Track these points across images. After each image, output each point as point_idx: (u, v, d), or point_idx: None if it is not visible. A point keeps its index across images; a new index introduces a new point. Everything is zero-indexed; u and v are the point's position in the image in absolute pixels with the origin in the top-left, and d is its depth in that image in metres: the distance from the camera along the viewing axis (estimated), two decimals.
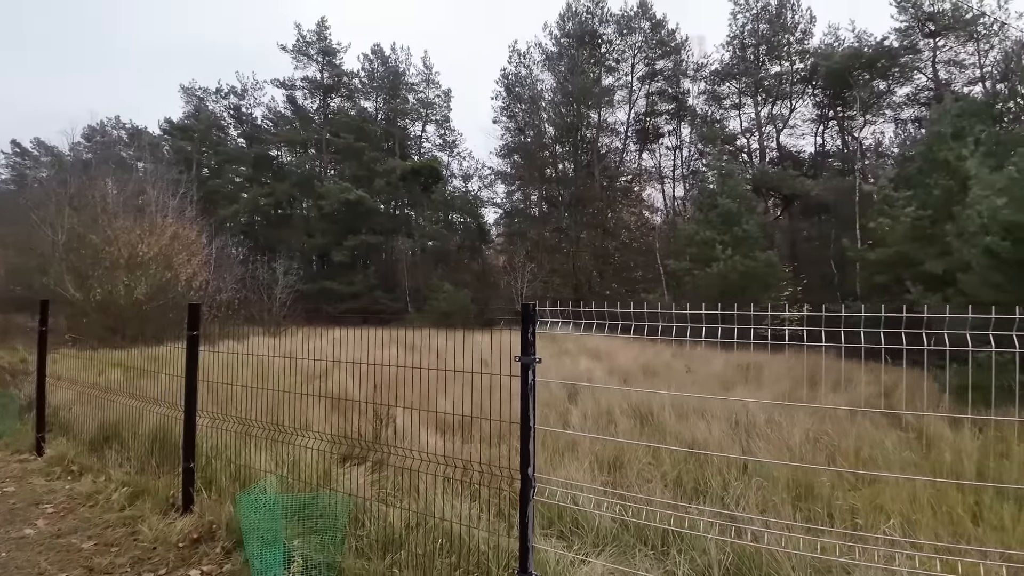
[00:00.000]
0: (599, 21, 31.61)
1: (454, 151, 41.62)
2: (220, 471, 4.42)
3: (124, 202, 18.44)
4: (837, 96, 26.41)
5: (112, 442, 5.44)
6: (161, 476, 4.60)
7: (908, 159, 14.91)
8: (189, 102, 45.60)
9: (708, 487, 4.57)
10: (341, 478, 4.37)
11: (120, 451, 5.21)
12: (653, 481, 4.72)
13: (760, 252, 16.01)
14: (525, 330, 2.56)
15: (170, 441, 5.02)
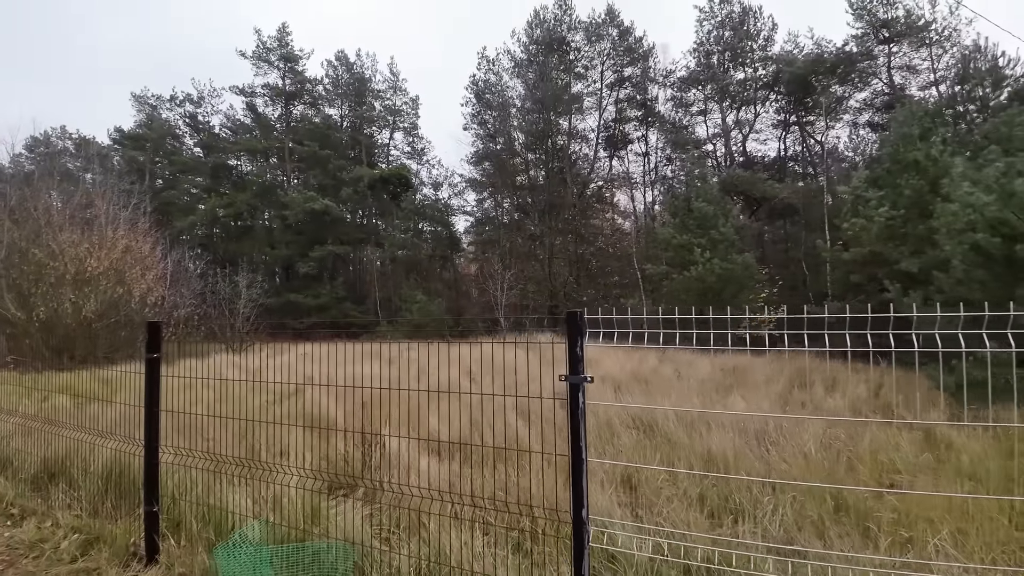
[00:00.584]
0: (567, 28, 31.72)
1: (423, 159, 41.05)
2: (188, 512, 3.82)
3: (71, 214, 17.20)
4: (799, 101, 27.13)
5: (58, 480, 4.73)
6: (119, 520, 3.97)
7: (875, 160, 15.21)
8: (141, 110, 43.68)
9: (738, 505, 4.24)
10: (333, 517, 3.84)
11: (68, 491, 4.51)
12: (673, 500, 4.37)
13: (737, 255, 16.09)
14: (573, 344, 2.14)
15: (127, 479, 4.37)
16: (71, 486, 4.56)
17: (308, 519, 3.80)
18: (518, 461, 4.99)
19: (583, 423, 2.09)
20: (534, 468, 4.82)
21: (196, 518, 3.78)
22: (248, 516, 3.78)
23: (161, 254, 19.11)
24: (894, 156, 14.43)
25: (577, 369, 2.09)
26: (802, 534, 3.77)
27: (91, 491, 4.37)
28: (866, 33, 26.46)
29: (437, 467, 5.19)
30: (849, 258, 13.96)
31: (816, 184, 22.43)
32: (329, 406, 7.60)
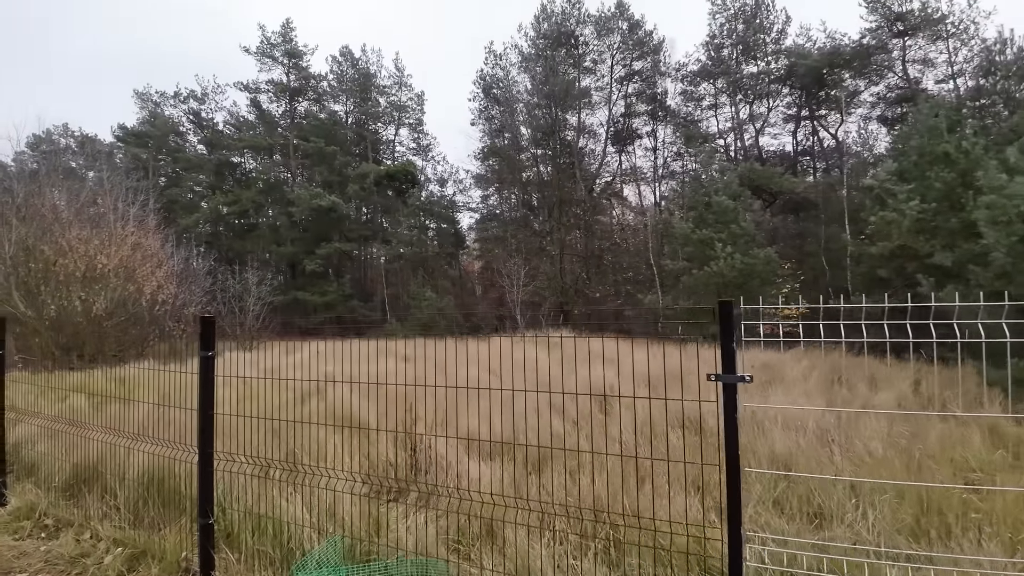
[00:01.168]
0: (576, 22, 31.33)
1: (428, 155, 40.75)
2: (239, 524, 3.54)
3: (78, 211, 16.91)
4: (812, 95, 26.78)
5: (92, 488, 4.45)
6: (164, 531, 3.69)
7: (902, 153, 14.90)
8: (144, 107, 43.36)
9: (820, 507, 3.97)
10: (396, 526, 3.57)
11: (104, 499, 4.25)
12: (748, 505, 4.08)
13: (758, 249, 15.80)
14: (726, 338, 1.86)
15: (168, 486, 4.10)
16: (106, 494, 4.29)
17: (370, 529, 3.54)
18: (566, 463, 4.74)
19: (737, 429, 1.80)
20: (586, 470, 4.56)
21: (249, 529, 3.51)
22: (304, 526, 3.52)
23: (169, 252, 18.83)
24: (921, 149, 14.12)
25: (731, 367, 1.81)
26: (901, 536, 3.51)
27: (130, 499, 4.09)
28: (880, 26, 26.08)
29: (488, 469, 4.92)
30: (876, 252, 13.67)
31: (832, 178, 22.11)
32: (358, 405, 7.32)
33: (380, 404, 6.95)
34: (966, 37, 22.82)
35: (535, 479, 4.51)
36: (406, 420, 5.94)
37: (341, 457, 4.89)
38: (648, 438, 5.18)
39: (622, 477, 3.72)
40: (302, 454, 4.60)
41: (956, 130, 13.92)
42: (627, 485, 3.69)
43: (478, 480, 4.57)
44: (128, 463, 4.44)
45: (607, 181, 32.36)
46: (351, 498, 3.96)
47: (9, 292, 15.58)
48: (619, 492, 3.53)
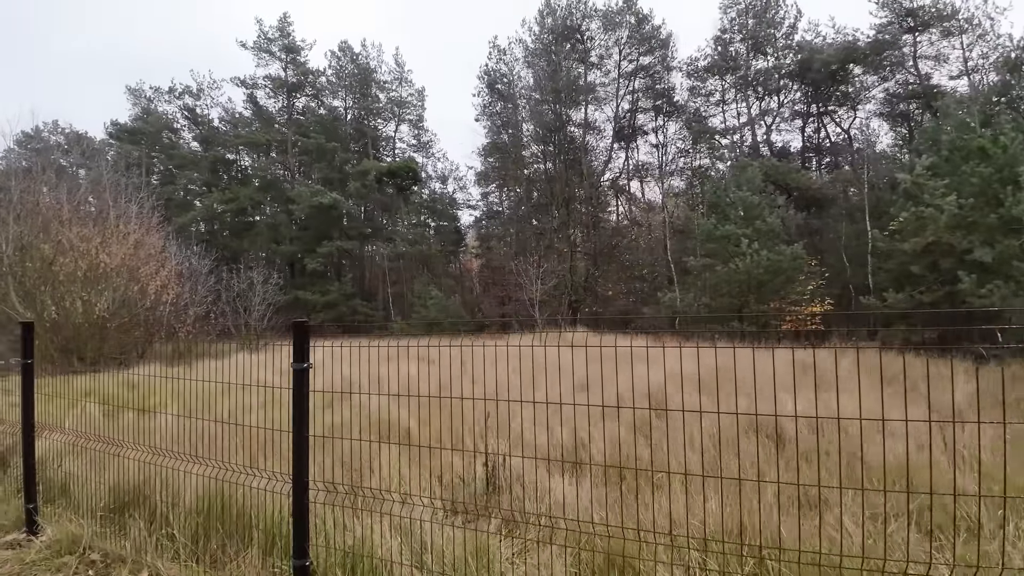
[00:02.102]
0: (582, 16, 30.88)
1: (429, 152, 40.12)
2: (330, 561, 3.05)
3: (77, 208, 16.24)
4: (823, 91, 26.53)
5: (136, 513, 3.93)
6: (232, 567, 3.20)
7: (931, 148, 14.60)
8: (137, 103, 42.41)
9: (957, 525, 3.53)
10: (501, 560, 3.09)
11: (153, 528, 3.73)
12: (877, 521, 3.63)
13: (784, 246, 15.46)
14: None
15: (231, 515, 3.59)
16: (155, 522, 3.77)
17: (478, 567, 3.06)
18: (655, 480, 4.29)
19: None
20: (694, 490, 4.12)
21: (340, 567, 3.02)
22: (404, 563, 3.04)
23: (172, 250, 18.18)
24: (953, 144, 13.81)
25: None
26: None
27: (186, 529, 3.58)
28: (891, 22, 25.85)
29: (575, 490, 4.46)
30: (909, 248, 13.34)
31: (849, 174, 21.80)
32: (396, 413, 6.81)
33: (419, 411, 6.48)
34: (981, 32, 22.64)
35: (639, 500, 4.05)
36: (462, 433, 5.49)
37: (408, 478, 4.43)
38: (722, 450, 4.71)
39: (701, 494, 3.26)
40: (357, 473, 4.15)
41: (991, 124, 13.62)
42: (766, 509, 3.25)
43: (574, 504, 4.12)
44: (178, 485, 3.93)
45: (613, 178, 32.00)
46: (441, 528, 3.49)
47: (7, 293, 14.89)
48: (756, 517, 3.09)
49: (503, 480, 4.56)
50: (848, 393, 4.01)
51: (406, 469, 4.64)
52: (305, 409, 2.81)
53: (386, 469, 4.48)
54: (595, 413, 5.88)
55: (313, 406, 6.71)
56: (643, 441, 5.91)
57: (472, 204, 40.12)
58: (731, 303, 15.52)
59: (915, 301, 13.63)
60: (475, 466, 4.89)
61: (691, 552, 3.02)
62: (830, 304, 16.17)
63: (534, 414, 5.52)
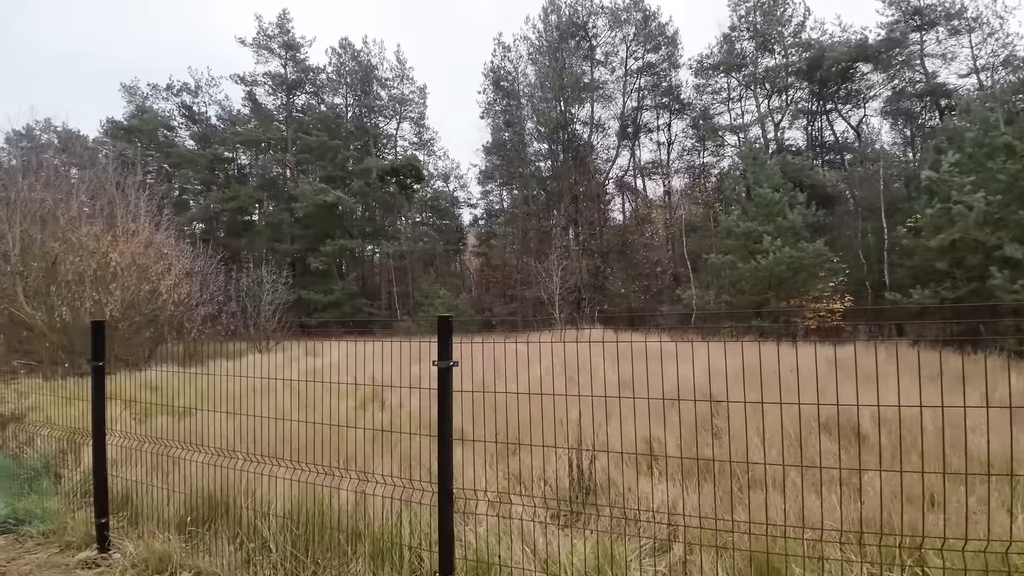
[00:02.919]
0: (587, 14, 30.71)
1: (431, 150, 39.80)
2: (467, 572, 2.84)
3: (83, 205, 15.84)
4: (832, 89, 26.53)
5: (217, 526, 3.69)
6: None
7: (955, 143, 14.54)
8: (132, 101, 41.76)
9: None
10: (639, 566, 2.90)
11: (240, 540, 3.48)
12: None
13: (807, 242, 15.37)
14: None
15: (331, 523, 3.36)
16: (244, 534, 3.52)
17: (611, 571, 2.86)
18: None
19: None
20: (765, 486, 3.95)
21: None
22: (534, 572, 2.84)
23: (183, 249, 17.82)
24: (978, 141, 13.75)
25: None
26: None
27: (283, 542, 3.34)
28: (899, 20, 25.90)
29: (663, 489, 4.27)
30: (935, 245, 13.27)
31: (861, 171, 21.78)
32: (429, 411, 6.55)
33: (475, 413, 6.27)
34: (990, 30, 22.69)
35: (739, 500, 3.87)
36: (530, 433, 5.28)
37: (480, 476, 4.22)
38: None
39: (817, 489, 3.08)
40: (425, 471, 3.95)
41: (1015, 121, 13.56)
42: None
43: (674, 503, 3.93)
44: (260, 491, 3.71)
45: (619, 175, 31.86)
46: (558, 532, 3.31)
47: (14, 294, 14.49)
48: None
49: (594, 479, 4.37)
50: (892, 389, 3.82)
51: (479, 470, 4.43)
52: (449, 410, 2.61)
53: (460, 470, 4.27)
54: (645, 410, 5.73)
55: (353, 404, 6.47)
56: (708, 437, 5.75)
57: (472, 203, 40.03)
58: (752, 300, 15.43)
59: (940, 297, 13.59)
60: (557, 466, 4.69)
61: (842, 548, 2.85)
62: (850, 301, 16.12)
63: (592, 410, 5.34)
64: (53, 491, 4.57)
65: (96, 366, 3.66)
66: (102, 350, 3.72)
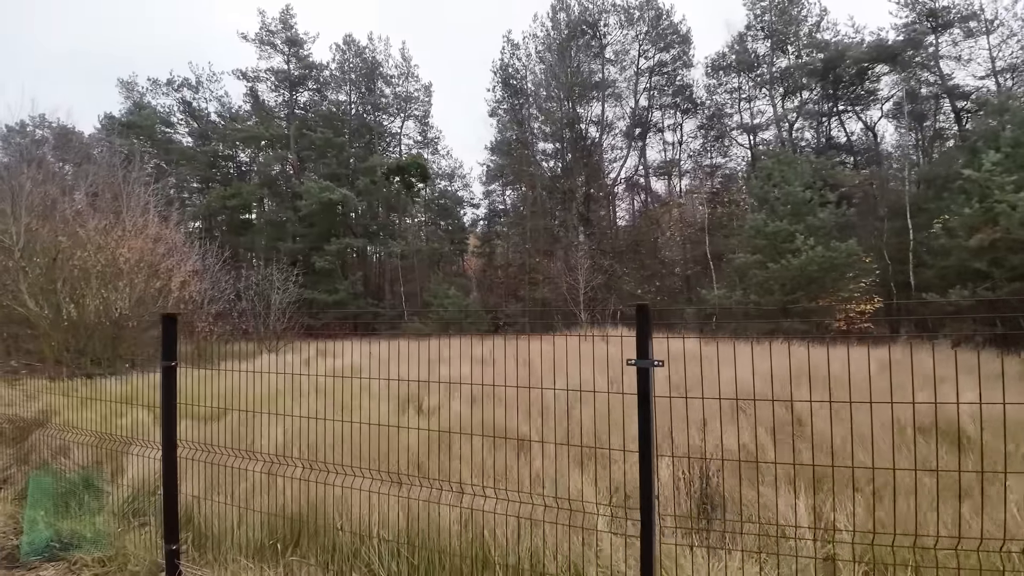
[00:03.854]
0: (598, 11, 30.34)
1: (435, 149, 39.27)
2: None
3: (94, 198, 15.24)
4: (846, 89, 26.31)
5: (304, 550, 3.20)
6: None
7: (990, 143, 14.23)
8: (129, 97, 41.00)
9: None
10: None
11: (340, 569, 2.99)
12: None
13: (839, 242, 15.02)
14: None
15: (450, 549, 2.88)
16: (344, 562, 3.03)
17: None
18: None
19: None
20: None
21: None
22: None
23: (194, 245, 17.25)
24: (1017, 140, 13.44)
25: None
26: None
27: (398, 573, 2.85)
28: (914, 21, 25.70)
29: (790, 499, 3.82)
30: (975, 245, 12.93)
31: (883, 171, 21.56)
32: (500, 415, 6.11)
33: (523, 411, 5.82)
34: (1009, 32, 22.50)
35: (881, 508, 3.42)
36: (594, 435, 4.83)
37: (573, 483, 3.76)
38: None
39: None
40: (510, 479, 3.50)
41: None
42: None
43: (801, 514, 3.48)
44: (359, 509, 3.22)
45: (629, 175, 31.50)
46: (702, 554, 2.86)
47: (17, 290, 13.86)
48: None
49: (720, 491, 3.90)
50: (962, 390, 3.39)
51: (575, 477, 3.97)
52: (650, 421, 2.14)
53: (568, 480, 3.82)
54: (716, 413, 5.31)
55: (393, 407, 5.95)
56: (796, 441, 5.30)
57: (475, 203, 39.56)
58: (780, 300, 15.06)
59: (977, 298, 13.26)
60: (657, 473, 4.22)
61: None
62: (879, 302, 15.80)
63: (671, 415, 4.90)
64: (98, 508, 4.05)
65: (167, 367, 3.16)
66: (174, 348, 3.22)
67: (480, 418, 6.03)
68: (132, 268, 14.27)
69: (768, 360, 3.38)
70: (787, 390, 5.86)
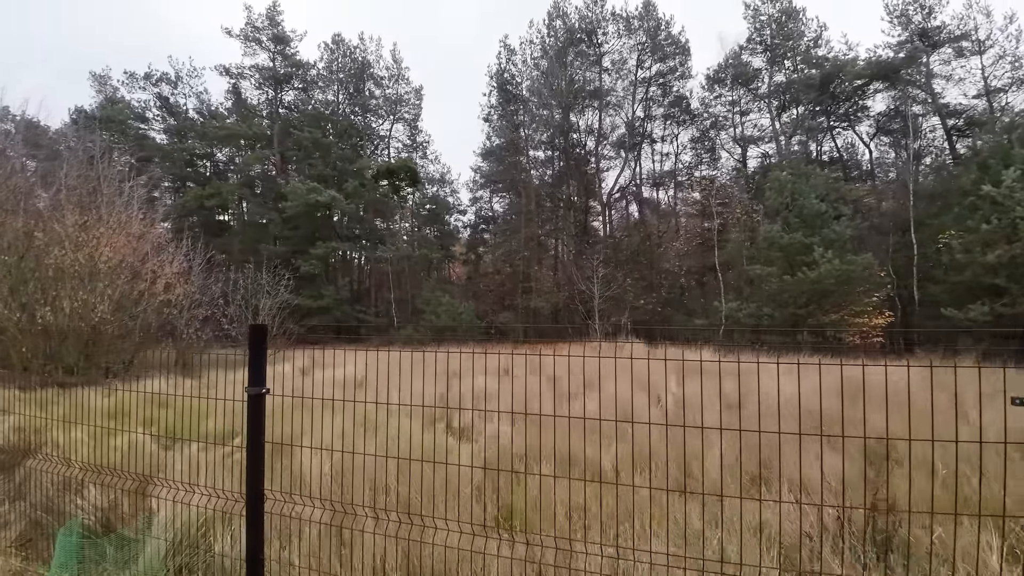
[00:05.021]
0: (596, 21, 30.17)
1: (425, 153, 38.48)
2: None
3: (71, 191, 14.04)
4: (840, 106, 26.62)
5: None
6: None
7: (1001, 159, 14.26)
8: (101, 91, 39.16)
9: None
10: None
11: None
12: None
13: (853, 255, 14.87)
14: None
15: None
16: None
17: None
18: None
19: None
20: None
21: None
22: None
23: (181, 244, 16.13)
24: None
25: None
26: None
27: None
28: (906, 41, 26.20)
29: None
30: (993, 260, 12.86)
31: (888, 185, 21.73)
32: (556, 438, 5.43)
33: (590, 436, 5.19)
34: (1001, 52, 23.05)
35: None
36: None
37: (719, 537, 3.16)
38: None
39: None
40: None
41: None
42: None
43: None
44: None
45: (626, 185, 31.28)
46: None
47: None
48: None
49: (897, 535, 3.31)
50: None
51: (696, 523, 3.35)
52: None
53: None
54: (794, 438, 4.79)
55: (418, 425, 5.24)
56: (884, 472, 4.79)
57: (461, 209, 38.89)
58: (793, 314, 14.83)
59: (995, 313, 13.19)
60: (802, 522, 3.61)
61: None
62: (890, 315, 15.73)
63: (760, 442, 4.34)
64: (134, 570, 3.23)
65: (256, 395, 2.42)
66: (263, 369, 2.49)
67: (536, 443, 5.30)
68: (113, 268, 13.15)
69: (798, 378, 2.82)
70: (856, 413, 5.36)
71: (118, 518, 3.70)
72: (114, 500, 3.98)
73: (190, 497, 3.54)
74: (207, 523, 3.37)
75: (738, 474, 4.26)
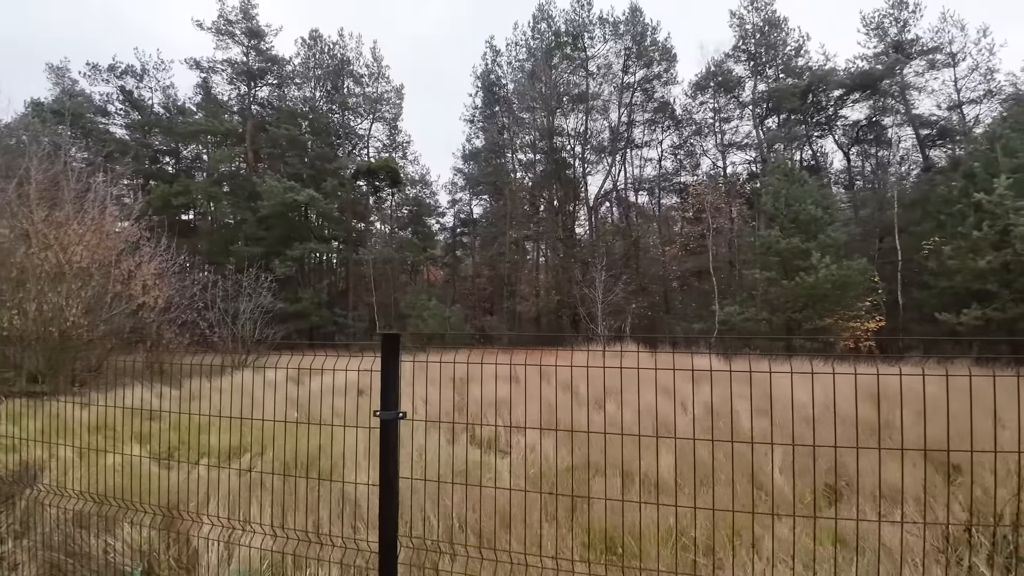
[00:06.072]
0: (582, 25, 30.17)
1: (405, 153, 37.70)
2: None
3: (39, 184, 12.95)
4: (819, 115, 27.27)
5: None
6: None
7: (987, 168, 14.67)
8: (58, 84, 37.02)
9: None
10: None
11: None
12: None
13: (848, 260, 15.08)
14: None
15: None
16: None
17: None
18: None
19: None
20: None
21: None
22: None
23: (160, 244, 15.14)
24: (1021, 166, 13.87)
25: None
26: None
27: None
28: (881, 52, 27.04)
29: None
30: (984, 266, 13.18)
31: (859, 193, 22.28)
32: (609, 452, 5.05)
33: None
34: (974, 65, 23.98)
35: None
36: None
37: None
38: None
39: None
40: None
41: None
42: None
43: None
44: None
45: (612, 189, 31.30)
46: None
47: None
48: None
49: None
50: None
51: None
52: None
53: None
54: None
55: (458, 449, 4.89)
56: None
57: (440, 211, 38.32)
58: (790, 318, 14.94)
59: (987, 318, 13.50)
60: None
61: None
62: (881, 320, 16.02)
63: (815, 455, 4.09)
64: None
65: (388, 419, 1.96)
66: (397, 388, 2.03)
67: (582, 458, 4.87)
68: (85, 268, 12.16)
69: (834, 386, 2.59)
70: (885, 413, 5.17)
71: (162, 565, 3.13)
72: (149, 539, 3.41)
73: (248, 538, 3.03)
74: (281, 571, 2.85)
75: (810, 488, 3.99)
